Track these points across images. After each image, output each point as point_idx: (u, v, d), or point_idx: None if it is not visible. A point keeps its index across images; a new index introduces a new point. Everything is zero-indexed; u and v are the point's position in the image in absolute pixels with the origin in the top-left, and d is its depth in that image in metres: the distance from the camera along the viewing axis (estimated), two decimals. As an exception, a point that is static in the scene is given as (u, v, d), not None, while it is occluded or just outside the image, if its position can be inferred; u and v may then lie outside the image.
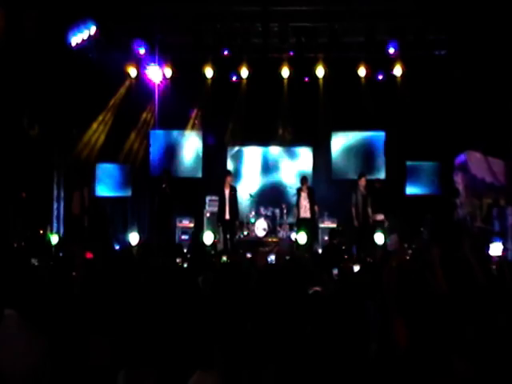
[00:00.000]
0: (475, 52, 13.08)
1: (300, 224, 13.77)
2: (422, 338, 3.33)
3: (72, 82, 13.91)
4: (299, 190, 13.93)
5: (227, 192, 13.74)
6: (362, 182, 13.81)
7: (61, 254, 9.81)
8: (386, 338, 3.79)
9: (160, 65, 15.14)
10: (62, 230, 14.08)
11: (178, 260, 7.38)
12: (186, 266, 7.02)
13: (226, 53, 14.35)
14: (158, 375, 2.82)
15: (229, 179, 13.85)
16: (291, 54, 14.64)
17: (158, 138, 16.23)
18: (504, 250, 9.97)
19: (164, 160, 15.97)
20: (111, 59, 14.59)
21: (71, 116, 14.38)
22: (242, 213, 14.65)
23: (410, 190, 15.28)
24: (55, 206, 14.21)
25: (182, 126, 16.14)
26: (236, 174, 15.76)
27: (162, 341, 3.11)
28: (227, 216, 13.68)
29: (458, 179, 13.74)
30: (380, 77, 15.23)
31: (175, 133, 16.37)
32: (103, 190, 15.64)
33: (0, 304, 3.39)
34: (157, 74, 15.33)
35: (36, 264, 6.97)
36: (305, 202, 13.79)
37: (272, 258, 8.26)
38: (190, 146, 16.32)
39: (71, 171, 14.59)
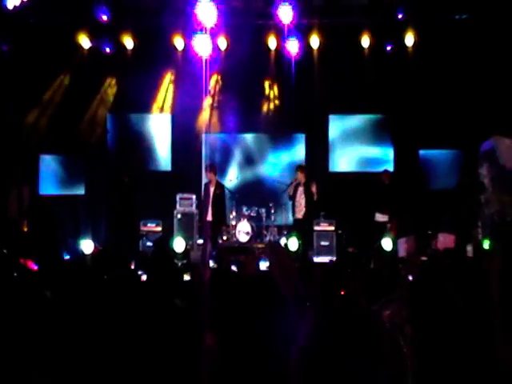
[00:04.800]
0: (503, 15, 13.05)
1: (295, 226, 13.80)
2: (442, 366, 3.39)
3: (9, 54, 13.74)
4: (297, 184, 13.81)
5: (212, 190, 13.92)
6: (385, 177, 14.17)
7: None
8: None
9: (119, 33, 14.98)
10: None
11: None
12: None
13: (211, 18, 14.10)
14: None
15: (211, 175, 14.05)
16: (279, 19, 14.46)
17: (116, 123, 16.14)
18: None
19: (124, 150, 15.92)
20: (58, 26, 14.46)
21: (8, 96, 14.22)
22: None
23: (424, 183, 15.38)
24: (-12, 207, 14.09)
25: (147, 109, 16.09)
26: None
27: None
28: (209, 217, 13.71)
29: (484, 171, 13.73)
30: (387, 47, 15.14)
31: (138, 116, 16.33)
32: (49, 187, 15.54)
33: None
34: (116, 44, 15.17)
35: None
36: (300, 199, 13.71)
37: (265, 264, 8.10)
38: (157, 133, 16.26)
39: (7, 164, 14.43)
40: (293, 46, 14.78)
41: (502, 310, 3.69)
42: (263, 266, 8.23)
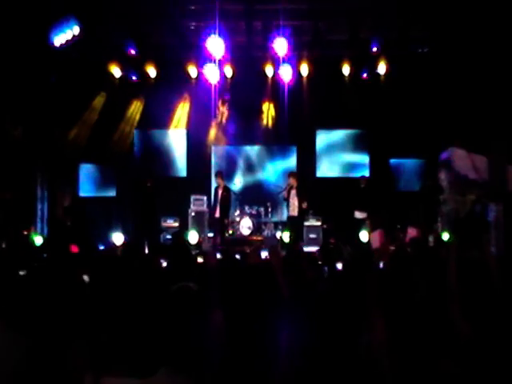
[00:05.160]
0: (457, 49, 13.12)
1: (289, 222, 13.88)
2: (405, 339, 3.31)
3: (56, 83, 13.85)
4: (290, 188, 13.83)
5: (220, 192, 13.98)
6: (362, 181, 14.21)
7: (45, 256, 9.67)
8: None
9: (144, 64, 15.04)
10: (46, 231, 14.01)
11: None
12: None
13: (220, 51, 14.12)
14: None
15: (219, 180, 14.11)
16: (275, 52, 14.49)
17: (141, 137, 16.21)
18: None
19: (148, 159, 15.96)
20: (95, 59, 14.54)
21: (54, 116, 14.26)
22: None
23: (395, 187, 15.43)
24: (39, 206, 14.15)
25: (166, 125, 16.10)
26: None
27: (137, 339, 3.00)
28: (217, 214, 13.93)
29: (442, 176, 13.80)
30: (364, 75, 15.10)
31: (159, 132, 16.34)
32: (87, 190, 15.63)
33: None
34: (141, 73, 15.25)
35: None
36: (293, 200, 13.76)
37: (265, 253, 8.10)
38: (175, 145, 16.29)
39: (54, 172, 14.50)
40: (286, 74, 14.87)
41: (459, 291, 3.76)
42: (263, 255, 8.26)
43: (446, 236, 11.47)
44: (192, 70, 15.14)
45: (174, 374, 2.64)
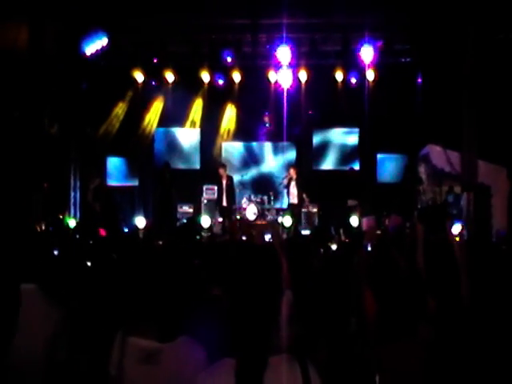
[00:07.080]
0: (435, 59, 13.12)
1: (289, 208, 13.86)
2: (390, 308, 3.32)
3: (86, 87, 13.95)
4: (290, 178, 13.79)
5: (224, 182, 13.85)
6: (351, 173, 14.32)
7: (77, 236, 9.74)
8: (361, 311, 3.76)
9: (163, 70, 15.06)
10: (78, 215, 14.14)
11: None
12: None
13: (229, 59, 14.15)
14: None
15: (222, 171, 13.92)
16: (277, 60, 14.50)
17: (161, 134, 16.25)
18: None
19: (166, 153, 15.97)
20: (120, 66, 14.60)
21: (86, 116, 14.44)
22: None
23: (380, 178, 15.39)
24: (72, 194, 14.27)
25: (182, 124, 16.08)
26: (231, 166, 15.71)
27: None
28: (224, 203, 13.82)
29: (422, 169, 13.83)
30: (354, 81, 15.02)
31: (176, 130, 16.32)
32: (113, 180, 15.68)
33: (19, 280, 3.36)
34: (160, 78, 15.28)
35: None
36: (293, 190, 13.76)
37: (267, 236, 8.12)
38: (189, 142, 16.31)
39: (85, 164, 14.60)
40: (286, 80, 14.90)
41: (425, 269, 3.78)
42: (267, 237, 8.30)
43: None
44: (205, 76, 15.14)
45: (189, 343, 2.68)
